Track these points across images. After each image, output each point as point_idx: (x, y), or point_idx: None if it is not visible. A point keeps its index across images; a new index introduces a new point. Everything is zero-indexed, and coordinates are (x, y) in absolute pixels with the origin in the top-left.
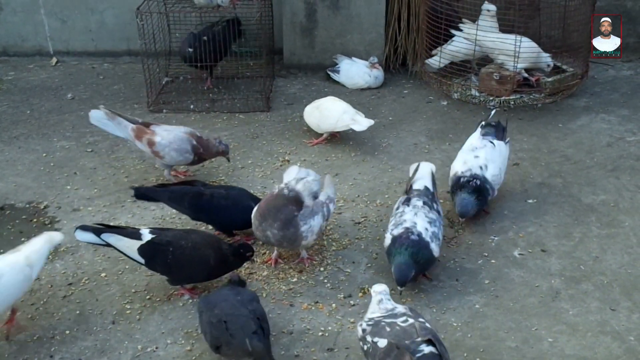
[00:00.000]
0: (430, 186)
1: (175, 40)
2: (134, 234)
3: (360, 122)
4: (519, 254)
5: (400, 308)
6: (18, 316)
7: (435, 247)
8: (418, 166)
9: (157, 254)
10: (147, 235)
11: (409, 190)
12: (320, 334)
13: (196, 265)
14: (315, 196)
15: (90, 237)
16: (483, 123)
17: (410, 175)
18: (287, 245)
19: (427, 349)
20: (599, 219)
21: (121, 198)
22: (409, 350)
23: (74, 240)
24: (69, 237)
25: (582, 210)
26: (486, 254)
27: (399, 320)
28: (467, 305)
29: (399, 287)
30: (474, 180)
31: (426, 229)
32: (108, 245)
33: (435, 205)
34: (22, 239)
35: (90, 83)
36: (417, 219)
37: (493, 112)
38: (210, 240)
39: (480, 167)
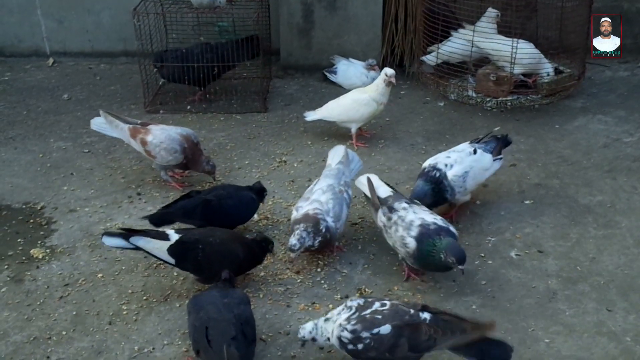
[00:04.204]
0: (391, 189)
1: (172, 41)
2: (161, 235)
3: (315, 112)
4: (516, 255)
5: (351, 303)
6: (13, 317)
7: (454, 230)
8: (368, 178)
9: (187, 253)
10: (174, 235)
11: (381, 201)
12: None
13: (226, 260)
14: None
15: (118, 242)
16: (486, 135)
17: (367, 189)
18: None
19: (426, 314)
20: (595, 220)
21: (118, 199)
22: (420, 323)
23: (70, 241)
24: (65, 238)
25: (579, 211)
26: (483, 255)
27: (375, 307)
28: (464, 306)
29: (460, 267)
30: (434, 172)
31: (435, 218)
32: (137, 248)
33: (414, 202)
34: (19, 240)
35: (87, 84)
36: (421, 215)
37: (497, 129)
38: (235, 235)
39: (446, 165)
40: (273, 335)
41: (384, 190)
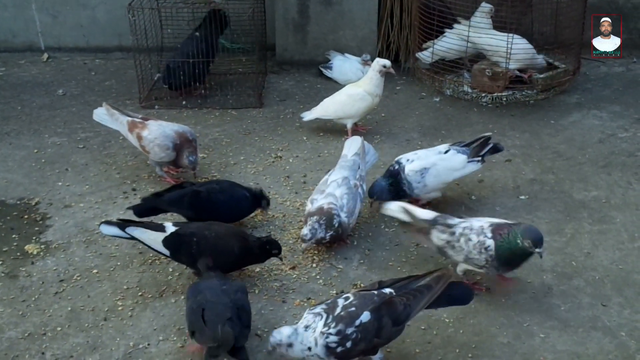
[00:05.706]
0: (427, 213)
1: (167, 36)
2: (158, 226)
3: (310, 112)
4: None
5: (316, 310)
6: (8, 313)
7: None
8: (403, 207)
9: (181, 245)
10: (170, 227)
11: (429, 223)
12: None
13: (220, 254)
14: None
15: (115, 230)
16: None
17: (402, 216)
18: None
19: (387, 289)
20: (590, 215)
21: (113, 194)
22: (391, 297)
23: (65, 236)
24: (60, 233)
25: (574, 206)
26: None
27: (341, 303)
28: None
29: (537, 250)
30: (394, 165)
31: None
32: (132, 238)
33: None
34: (13, 236)
35: (82, 79)
36: (484, 219)
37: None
38: (234, 231)
39: (407, 159)
40: (268, 330)
41: (424, 213)
